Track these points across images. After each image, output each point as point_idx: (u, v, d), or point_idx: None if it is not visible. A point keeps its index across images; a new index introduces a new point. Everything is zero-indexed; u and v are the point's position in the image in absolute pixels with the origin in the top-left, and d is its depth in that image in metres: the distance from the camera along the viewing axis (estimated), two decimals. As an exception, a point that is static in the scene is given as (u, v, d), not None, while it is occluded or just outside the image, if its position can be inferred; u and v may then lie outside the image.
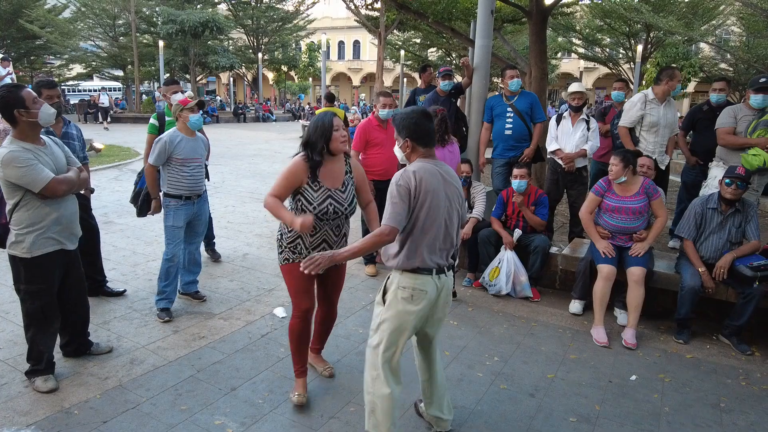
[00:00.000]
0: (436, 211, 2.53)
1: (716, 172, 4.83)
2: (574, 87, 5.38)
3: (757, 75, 5.35)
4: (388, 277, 2.63)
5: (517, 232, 4.90)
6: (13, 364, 3.42)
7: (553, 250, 5.03)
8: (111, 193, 8.97)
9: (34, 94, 3.03)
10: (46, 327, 3.20)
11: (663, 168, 5.28)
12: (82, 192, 4.44)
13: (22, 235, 3.02)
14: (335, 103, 10.52)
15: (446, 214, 2.58)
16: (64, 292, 3.30)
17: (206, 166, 5.47)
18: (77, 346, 3.51)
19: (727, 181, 4.00)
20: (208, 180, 5.57)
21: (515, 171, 4.94)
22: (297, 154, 2.99)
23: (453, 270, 2.75)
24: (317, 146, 2.91)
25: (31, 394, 3.09)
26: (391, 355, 2.60)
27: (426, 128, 2.58)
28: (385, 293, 2.61)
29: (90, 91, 34.55)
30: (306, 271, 2.52)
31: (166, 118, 5.07)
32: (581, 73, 35.97)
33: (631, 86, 22.30)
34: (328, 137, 2.91)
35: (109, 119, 24.41)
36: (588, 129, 5.34)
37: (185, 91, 5.21)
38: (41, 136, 3.12)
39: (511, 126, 5.47)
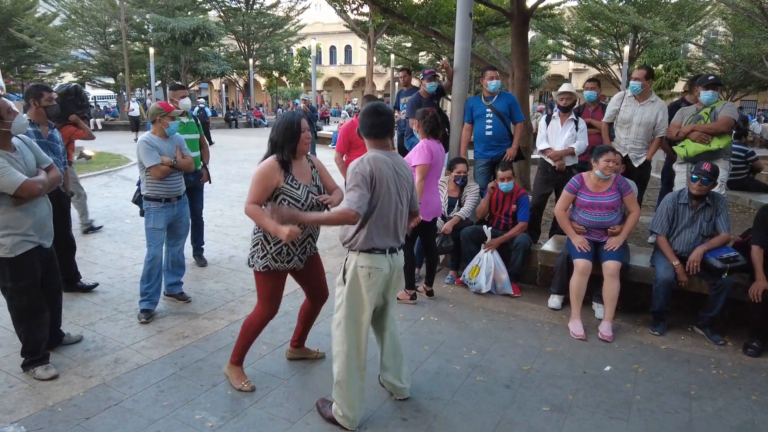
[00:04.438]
0: (389, 198, 2.78)
1: (679, 178, 5.00)
2: (563, 88, 5.47)
3: (706, 74, 5.51)
4: (347, 259, 2.85)
5: (488, 230, 5.01)
6: (-2, 365, 3.48)
7: (533, 246, 5.13)
8: (100, 199, 9.02)
9: (9, 104, 3.13)
10: (38, 319, 3.34)
11: (636, 165, 5.36)
12: (66, 192, 4.57)
13: (1, 238, 3.11)
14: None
15: (397, 200, 2.83)
16: (43, 286, 3.41)
17: (206, 167, 5.55)
18: (50, 339, 3.58)
19: (693, 177, 4.12)
20: (210, 182, 5.65)
21: (500, 174, 5.06)
22: (266, 156, 3.07)
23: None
24: (286, 148, 2.98)
25: (16, 393, 3.15)
26: (355, 331, 2.82)
27: (373, 122, 2.83)
28: (344, 273, 2.83)
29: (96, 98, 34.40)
30: (274, 217, 2.78)
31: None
32: (570, 74, 36.23)
33: (619, 86, 22.55)
34: (297, 139, 2.99)
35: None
36: (576, 129, 5.41)
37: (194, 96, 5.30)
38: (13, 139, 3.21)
39: (491, 127, 5.57)
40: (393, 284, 2.97)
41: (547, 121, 5.54)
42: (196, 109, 18.06)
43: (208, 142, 5.70)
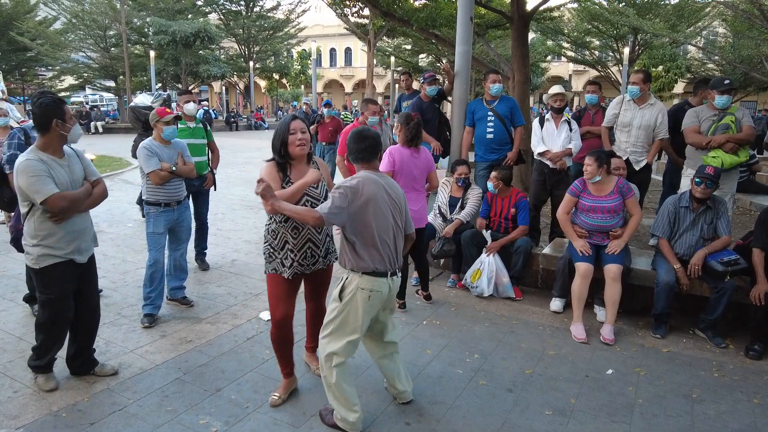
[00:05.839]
0: (384, 218, 2.80)
1: (686, 182, 4.97)
2: (554, 89, 5.50)
3: (719, 77, 5.49)
4: (347, 277, 2.84)
5: (487, 234, 5.02)
6: (2, 370, 3.49)
7: (535, 249, 5.14)
8: (102, 202, 9.01)
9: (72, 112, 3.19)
10: (55, 334, 3.28)
11: (637, 169, 5.37)
12: None
13: (29, 247, 3.12)
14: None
15: (393, 222, 2.86)
16: (80, 302, 3.35)
17: (213, 172, 5.57)
18: (82, 362, 3.45)
19: (697, 180, 4.13)
20: (215, 189, 5.66)
21: (491, 175, 5.10)
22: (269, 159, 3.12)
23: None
24: (276, 149, 3.04)
25: (21, 399, 3.16)
26: (344, 341, 2.83)
27: (358, 148, 2.88)
28: (342, 291, 2.83)
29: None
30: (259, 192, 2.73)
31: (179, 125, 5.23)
32: (570, 76, 36.26)
33: (619, 88, 22.57)
34: (284, 140, 3.00)
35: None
36: (570, 130, 5.45)
37: (200, 101, 5.35)
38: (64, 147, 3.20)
39: (492, 130, 5.58)
40: (388, 305, 3.01)
41: (541, 123, 5.56)
42: (201, 111, 18.05)
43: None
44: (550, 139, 5.47)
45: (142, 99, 7.33)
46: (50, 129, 3.06)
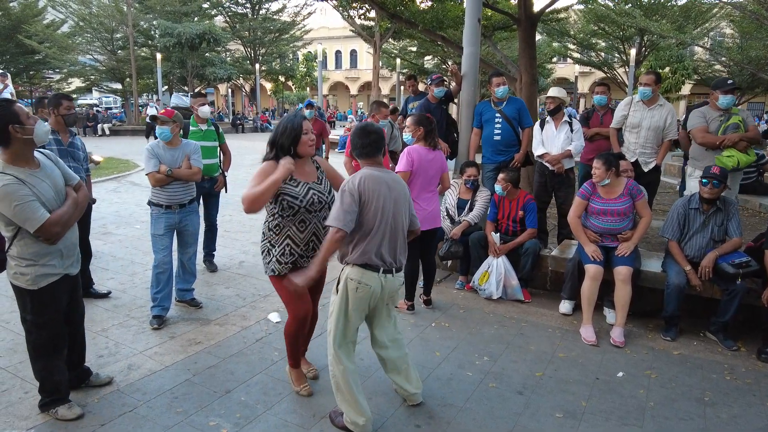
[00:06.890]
0: (382, 214, 2.79)
1: (693, 183, 4.93)
2: (550, 92, 5.52)
3: (722, 77, 5.49)
4: (342, 269, 2.89)
5: (496, 236, 5.01)
6: (13, 371, 3.50)
7: (543, 251, 5.12)
8: (110, 204, 9.06)
9: (27, 110, 2.84)
10: (57, 356, 3.03)
11: (646, 170, 5.35)
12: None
13: (23, 267, 2.84)
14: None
15: (392, 218, 2.84)
16: (67, 317, 3.12)
17: (224, 174, 5.58)
18: (76, 374, 3.29)
19: (704, 180, 4.11)
20: (226, 191, 5.67)
21: (499, 176, 5.09)
22: (266, 159, 3.07)
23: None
24: (284, 148, 3.00)
25: (31, 400, 3.15)
26: (342, 336, 2.89)
27: (363, 143, 2.89)
28: (338, 283, 2.89)
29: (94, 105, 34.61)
30: (302, 285, 2.85)
31: (191, 128, 5.29)
32: (576, 77, 36.16)
33: (626, 89, 22.50)
34: (296, 140, 2.98)
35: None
36: (571, 130, 5.44)
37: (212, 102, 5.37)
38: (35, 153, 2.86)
39: (499, 131, 5.57)
40: (383, 303, 2.97)
41: (541, 125, 5.56)
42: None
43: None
44: (549, 141, 5.47)
45: (178, 100, 7.39)
46: (11, 138, 2.68)
